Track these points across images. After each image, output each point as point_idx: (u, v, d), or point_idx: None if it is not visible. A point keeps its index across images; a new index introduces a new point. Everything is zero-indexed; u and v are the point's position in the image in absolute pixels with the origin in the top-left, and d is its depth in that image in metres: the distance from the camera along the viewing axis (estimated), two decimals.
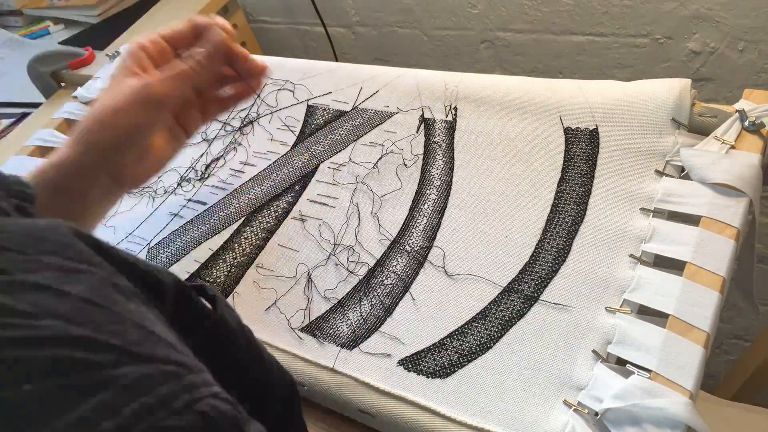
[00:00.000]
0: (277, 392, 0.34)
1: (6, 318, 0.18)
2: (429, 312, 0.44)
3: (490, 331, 0.41)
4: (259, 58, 0.51)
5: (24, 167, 0.58)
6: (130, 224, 0.59)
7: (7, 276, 0.19)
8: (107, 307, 0.20)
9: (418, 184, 0.50)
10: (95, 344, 0.19)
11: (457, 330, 0.42)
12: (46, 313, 0.18)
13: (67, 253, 0.21)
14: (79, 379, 0.18)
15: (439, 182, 0.50)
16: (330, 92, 0.59)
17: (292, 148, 0.58)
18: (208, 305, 0.30)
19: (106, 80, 0.48)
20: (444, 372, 0.41)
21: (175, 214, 0.57)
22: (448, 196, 0.49)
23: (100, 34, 1.06)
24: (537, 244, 0.44)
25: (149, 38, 0.47)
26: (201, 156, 0.62)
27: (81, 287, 0.20)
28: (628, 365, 0.37)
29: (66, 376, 0.17)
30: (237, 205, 0.56)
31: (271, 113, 0.61)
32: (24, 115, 0.90)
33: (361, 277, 0.47)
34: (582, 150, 0.46)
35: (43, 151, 0.69)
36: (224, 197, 0.57)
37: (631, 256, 0.41)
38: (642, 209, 0.42)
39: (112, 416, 0.17)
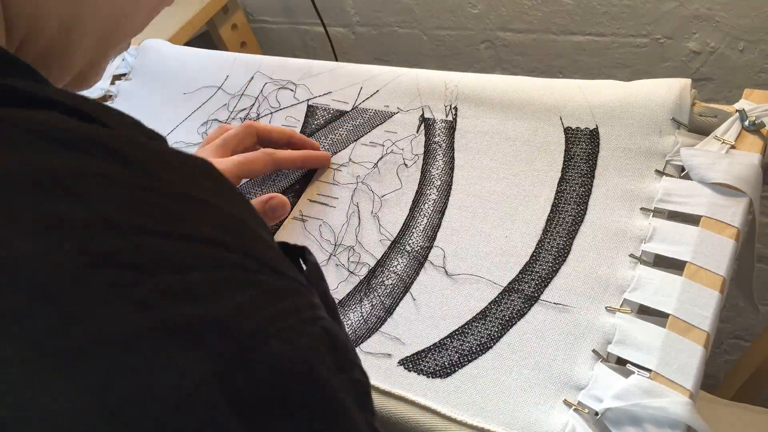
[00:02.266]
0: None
1: (178, 219, 0.20)
2: (429, 312, 0.44)
3: (491, 331, 0.41)
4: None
5: None
6: None
7: (170, 185, 0.21)
8: (249, 227, 0.23)
9: (419, 184, 0.50)
10: (245, 252, 0.21)
11: (457, 330, 0.42)
12: (207, 221, 0.21)
13: (214, 178, 0.24)
14: (236, 275, 0.20)
15: (439, 182, 0.50)
16: (330, 92, 0.59)
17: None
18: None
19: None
20: (444, 372, 0.41)
21: None
22: (449, 196, 0.49)
23: None
24: (537, 244, 0.44)
25: (246, 127, 0.53)
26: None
27: (231, 207, 0.23)
28: (628, 365, 0.37)
29: (225, 270, 0.20)
30: None
31: (272, 113, 0.61)
32: None
33: (361, 278, 0.47)
34: (582, 150, 0.46)
35: None
36: None
37: (632, 255, 0.41)
38: (642, 209, 0.43)
39: (263, 309, 0.20)
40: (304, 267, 0.32)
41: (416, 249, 0.47)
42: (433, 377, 0.41)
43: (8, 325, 0.17)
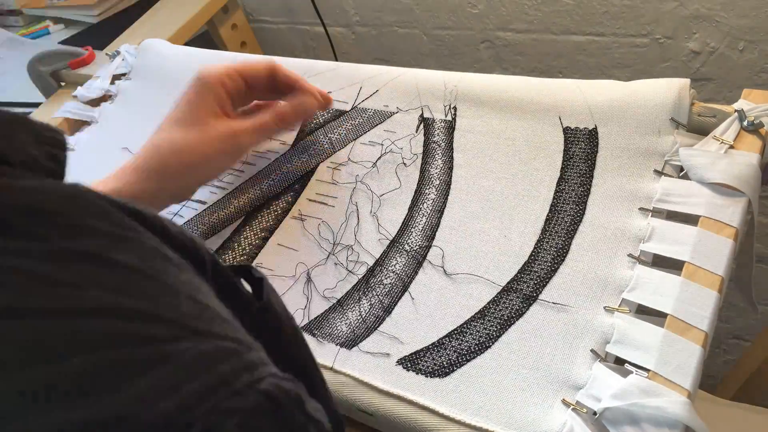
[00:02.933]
0: (319, 383, 0.32)
1: (50, 288, 0.16)
2: (428, 311, 0.44)
3: (489, 330, 0.41)
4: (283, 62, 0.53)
5: None
6: None
7: (48, 243, 0.17)
8: (160, 279, 0.19)
9: (418, 183, 0.51)
10: (150, 317, 0.17)
11: (455, 329, 0.42)
12: (94, 283, 0.17)
13: (111, 218, 0.19)
14: (135, 353, 0.16)
15: (438, 182, 0.50)
16: (330, 92, 0.59)
17: (291, 147, 0.58)
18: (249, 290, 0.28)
19: (179, 102, 0.48)
20: (443, 371, 0.41)
21: (175, 214, 0.58)
22: (448, 195, 0.49)
23: (99, 34, 1.06)
24: (536, 244, 0.44)
25: (227, 72, 0.49)
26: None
27: (130, 256, 0.18)
28: (627, 365, 0.37)
29: (119, 349, 0.16)
30: (236, 205, 0.56)
31: None
32: None
33: (360, 277, 0.47)
34: (581, 150, 0.47)
35: None
36: (224, 197, 0.57)
37: (630, 255, 0.41)
38: (641, 209, 0.43)
39: (172, 395, 0.16)
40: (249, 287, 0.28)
41: (415, 248, 0.47)
42: (431, 377, 0.41)
43: None
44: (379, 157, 0.53)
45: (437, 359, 0.41)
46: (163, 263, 0.19)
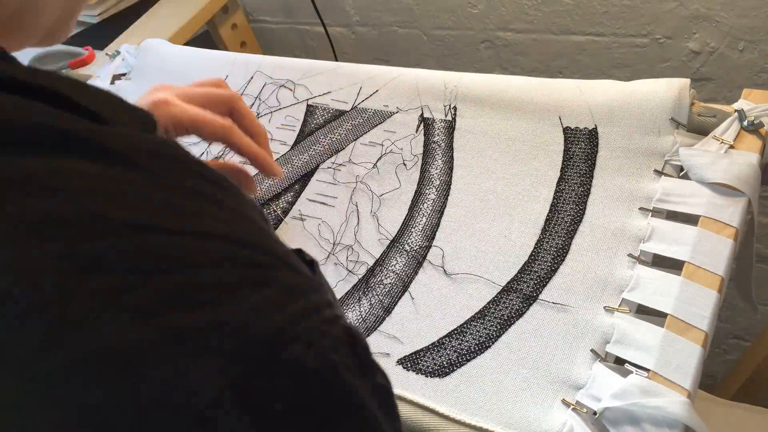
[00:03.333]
0: None
1: (173, 212, 0.18)
2: (428, 311, 0.44)
3: (489, 330, 0.41)
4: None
5: None
6: None
7: (169, 179, 0.19)
8: (256, 222, 0.21)
9: (418, 183, 0.51)
10: (256, 247, 0.19)
11: (455, 329, 0.42)
12: (209, 214, 0.19)
13: (209, 171, 0.21)
14: (249, 273, 0.18)
15: (438, 182, 0.50)
16: (330, 92, 0.59)
17: (291, 148, 0.58)
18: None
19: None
20: (443, 371, 0.41)
21: None
22: (448, 195, 0.49)
23: (100, 34, 1.06)
24: (536, 244, 0.44)
25: (173, 121, 0.45)
26: (201, 155, 0.62)
27: (231, 201, 0.21)
28: (627, 364, 0.37)
29: (236, 268, 0.18)
30: None
31: (271, 113, 0.61)
32: None
33: (360, 277, 0.47)
34: (581, 150, 0.46)
35: None
36: None
37: (630, 255, 0.41)
38: (641, 209, 0.42)
39: (280, 311, 0.18)
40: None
41: (415, 248, 0.47)
42: (431, 376, 0.41)
43: None
44: (380, 158, 0.53)
45: (437, 359, 0.41)
46: (255, 211, 0.22)
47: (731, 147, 0.42)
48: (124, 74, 0.73)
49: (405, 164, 0.52)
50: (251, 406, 0.16)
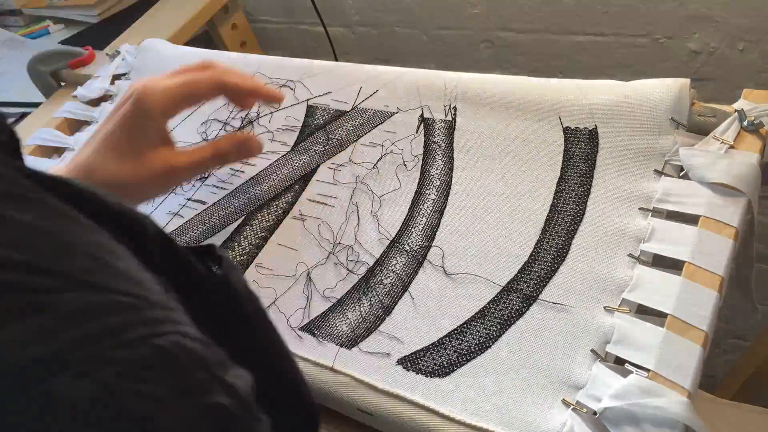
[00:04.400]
0: (287, 368, 0.33)
1: None
2: (428, 311, 0.44)
3: (489, 330, 0.41)
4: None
5: None
6: None
7: None
8: (56, 235, 0.19)
9: (418, 183, 0.51)
10: (35, 269, 0.18)
11: (456, 329, 0.42)
12: None
13: (16, 180, 0.20)
14: (12, 302, 0.17)
15: (438, 182, 0.50)
16: (330, 92, 0.59)
17: (292, 148, 0.58)
18: (211, 269, 0.29)
19: (115, 123, 0.46)
20: (443, 371, 0.41)
21: (175, 213, 0.58)
22: (448, 195, 0.49)
23: (99, 34, 1.06)
24: (536, 244, 0.44)
25: (171, 98, 0.45)
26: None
27: (26, 214, 0.19)
28: (627, 364, 0.37)
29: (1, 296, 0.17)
30: (237, 205, 0.56)
31: (271, 113, 0.61)
32: (24, 115, 0.90)
33: (360, 277, 0.47)
34: (581, 150, 0.46)
35: (43, 150, 0.69)
36: (224, 197, 0.57)
37: (630, 255, 0.41)
38: (641, 209, 0.43)
39: (46, 341, 0.17)
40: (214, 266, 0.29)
41: (415, 248, 0.47)
42: (431, 376, 0.41)
43: None
44: (380, 158, 0.53)
45: (437, 359, 0.41)
46: (65, 222, 0.20)
47: (731, 147, 0.42)
48: (124, 74, 0.73)
49: (405, 164, 0.52)
50: None
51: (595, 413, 0.35)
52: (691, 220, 0.41)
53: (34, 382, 0.16)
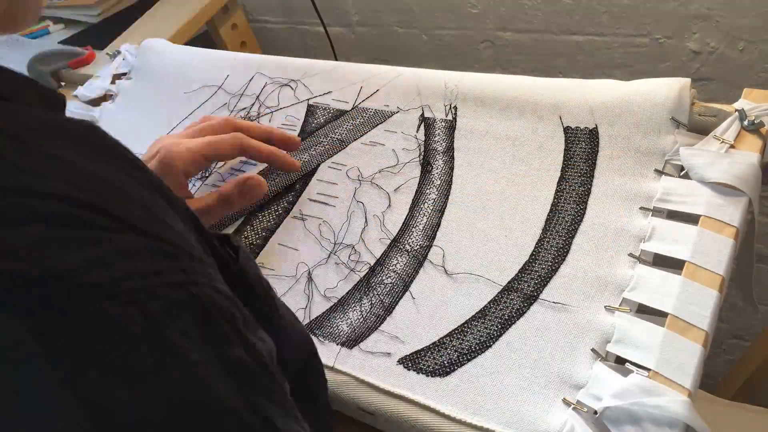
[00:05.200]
0: (297, 348, 0.35)
1: (19, 172, 0.19)
2: (429, 311, 0.44)
3: (490, 330, 0.41)
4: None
5: None
6: None
7: (23, 145, 0.20)
8: (117, 186, 0.22)
9: (419, 183, 0.51)
10: (96, 209, 0.20)
11: (456, 329, 0.42)
12: (56, 176, 0.20)
13: (94, 140, 0.23)
14: (79, 232, 0.19)
15: (439, 182, 0.50)
16: (330, 92, 0.59)
17: None
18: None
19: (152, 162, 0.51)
20: (443, 371, 0.41)
21: None
22: (448, 195, 0.49)
23: (100, 34, 1.06)
24: (537, 244, 0.44)
25: (193, 159, 0.50)
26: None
27: (96, 167, 0.22)
28: (627, 364, 0.37)
29: (64, 227, 0.19)
30: None
31: (272, 113, 0.61)
32: None
33: (361, 276, 0.47)
34: (581, 149, 0.47)
35: None
36: None
37: (631, 255, 0.41)
38: (641, 208, 0.43)
39: (102, 269, 0.19)
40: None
41: (416, 248, 0.47)
42: (432, 376, 0.41)
43: None
44: (380, 158, 0.53)
45: (438, 359, 0.41)
46: (127, 178, 0.23)
47: (732, 146, 0.42)
48: (124, 74, 0.73)
49: (405, 165, 0.52)
50: (53, 351, 0.18)
51: (595, 412, 0.35)
52: (692, 219, 0.41)
53: (92, 303, 0.18)
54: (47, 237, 0.19)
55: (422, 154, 0.52)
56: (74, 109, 0.71)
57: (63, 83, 0.79)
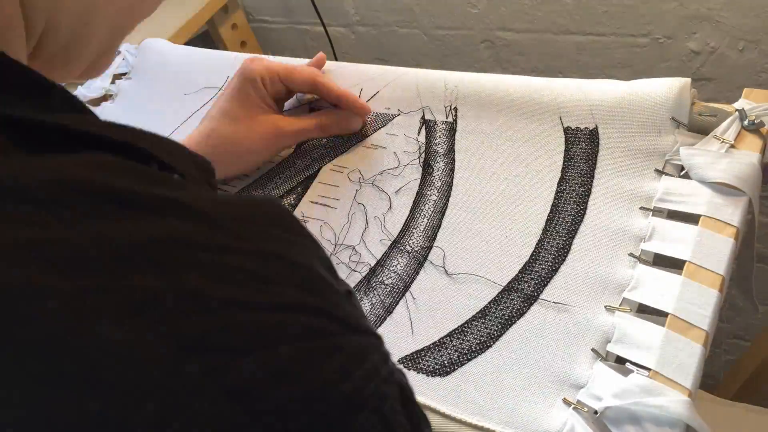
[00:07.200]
0: None
1: (254, 283, 0.18)
2: (429, 311, 0.44)
3: (490, 329, 0.41)
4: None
5: None
6: None
7: (245, 242, 0.19)
8: (326, 280, 0.21)
9: (419, 185, 0.51)
10: (327, 314, 0.20)
11: (457, 329, 0.42)
12: (285, 280, 0.19)
13: (284, 224, 0.22)
14: (321, 343, 0.19)
15: (439, 183, 0.50)
16: None
17: (294, 150, 0.58)
18: None
19: (226, 94, 0.54)
20: (444, 370, 0.41)
21: None
22: (449, 196, 0.49)
23: None
24: (537, 244, 0.44)
25: (269, 74, 0.53)
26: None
27: (303, 258, 0.21)
28: (628, 364, 0.37)
29: (311, 341, 0.18)
30: None
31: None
32: None
33: (362, 277, 0.47)
34: (582, 149, 0.47)
35: None
36: None
37: (631, 254, 0.41)
38: (641, 208, 0.43)
39: (348, 379, 0.18)
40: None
41: (416, 249, 0.47)
42: (432, 376, 0.41)
43: None
44: (382, 160, 0.53)
45: (438, 358, 0.41)
46: (320, 266, 0.22)
47: (732, 146, 0.42)
48: (124, 73, 0.73)
49: (406, 167, 0.52)
50: None
51: (596, 412, 0.35)
52: (692, 219, 0.41)
53: (344, 417, 0.18)
54: (301, 354, 0.18)
55: (423, 156, 0.52)
56: None
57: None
